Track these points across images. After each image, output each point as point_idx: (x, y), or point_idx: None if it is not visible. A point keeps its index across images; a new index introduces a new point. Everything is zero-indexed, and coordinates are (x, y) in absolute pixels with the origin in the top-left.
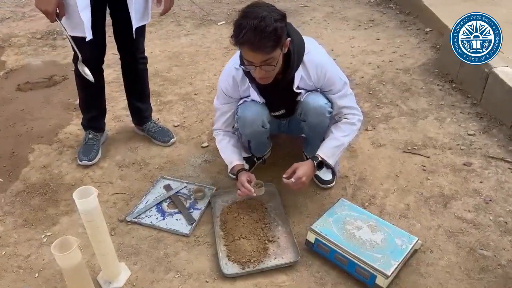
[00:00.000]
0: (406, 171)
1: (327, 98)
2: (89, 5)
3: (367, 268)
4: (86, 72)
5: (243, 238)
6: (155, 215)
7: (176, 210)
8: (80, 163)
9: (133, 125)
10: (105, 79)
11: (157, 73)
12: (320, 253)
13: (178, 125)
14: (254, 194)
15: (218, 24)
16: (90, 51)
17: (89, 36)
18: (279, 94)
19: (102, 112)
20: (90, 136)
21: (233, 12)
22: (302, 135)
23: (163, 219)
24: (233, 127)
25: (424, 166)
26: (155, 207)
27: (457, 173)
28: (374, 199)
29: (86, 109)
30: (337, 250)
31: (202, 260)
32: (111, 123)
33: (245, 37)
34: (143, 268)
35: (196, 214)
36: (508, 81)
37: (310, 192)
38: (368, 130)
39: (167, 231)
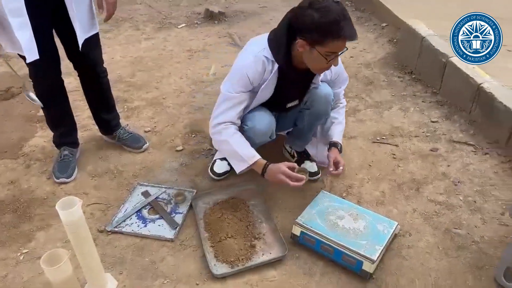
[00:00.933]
0: (378, 160)
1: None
2: (28, 24)
3: (353, 255)
4: (32, 97)
5: (229, 237)
6: (136, 222)
7: (157, 216)
8: (57, 181)
9: (100, 133)
10: (67, 89)
11: (121, 79)
12: (307, 245)
13: (149, 131)
14: (304, 180)
15: (179, 27)
16: (43, 70)
17: (32, 56)
18: (301, 85)
19: (73, 126)
20: (66, 152)
21: (192, 14)
22: (285, 132)
23: (145, 226)
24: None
25: (394, 154)
26: (135, 214)
27: (425, 159)
28: (351, 189)
29: (55, 126)
30: (323, 240)
31: (190, 263)
32: (78, 133)
33: (345, 30)
34: (129, 276)
35: (178, 218)
36: (464, 69)
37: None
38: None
39: (150, 238)
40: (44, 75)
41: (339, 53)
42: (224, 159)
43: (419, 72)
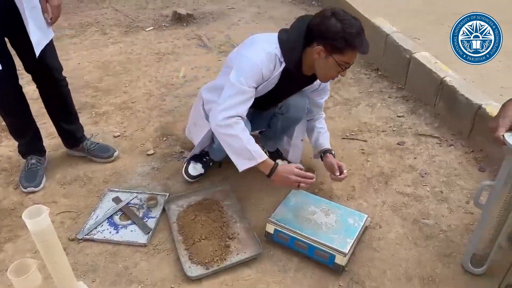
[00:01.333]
0: (348, 155)
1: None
2: None
3: (325, 249)
4: None
5: (203, 239)
6: (107, 229)
7: (129, 222)
8: (25, 190)
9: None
10: (31, 96)
11: (88, 84)
12: (281, 242)
13: (118, 135)
14: (314, 179)
15: (146, 30)
16: None
17: None
18: (296, 90)
19: (36, 134)
20: (33, 161)
21: (160, 17)
22: (258, 131)
23: (117, 232)
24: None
25: (363, 150)
26: (107, 221)
27: (393, 152)
28: (322, 185)
29: (18, 135)
30: (296, 237)
31: (164, 267)
32: (45, 141)
33: (364, 44)
34: (103, 284)
35: (151, 223)
36: (427, 64)
37: (263, 186)
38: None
39: (123, 244)
40: (0, 84)
41: (348, 65)
42: (199, 161)
43: (385, 69)
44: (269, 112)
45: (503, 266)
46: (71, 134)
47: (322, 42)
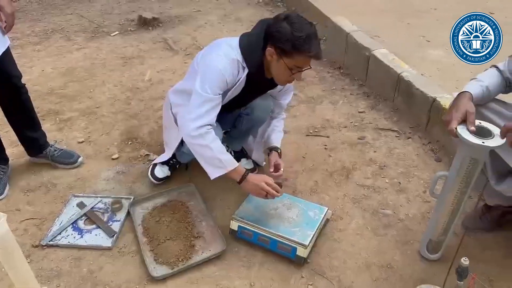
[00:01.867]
0: (311, 152)
1: None
2: None
3: (287, 243)
4: None
5: (168, 239)
6: (72, 234)
7: (94, 226)
8: None
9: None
10: None
11: (52, 91)
12: (245, 238)
13: (83, 141)
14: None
15: (112, 35)
16: None
17: None
18: (261, 93)
19: None
20: None
21: (126, 21)
22: (223, 131)
23: (81, 236)
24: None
25: (325, 145)
26: (71, 226)
27: (354, 147)
28: (286, 181)
29: None
30: (259, 232)
31: (130, 270)
32: (8, 149)
33: (314, 49)
34: None
35: (116, 226)
36: (385, 61)
37: (228, 184)
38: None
39: (87, 248)
40: None
41: (304, 69)
42: (165, 163)
43: (347, 67)
44: (234, 113)
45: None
46: (34, 141)
47: (273, 45)
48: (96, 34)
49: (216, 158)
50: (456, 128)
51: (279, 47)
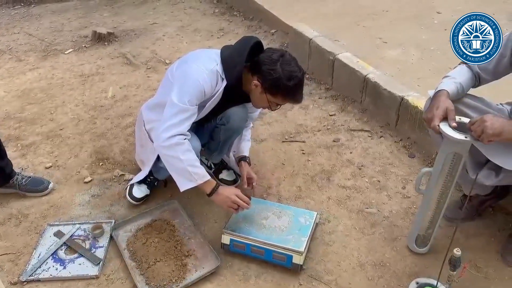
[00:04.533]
0: (289, 158)
1: None
2: None
3: (282, 251)
4: None
5: (159, 261)
6: (53, 266)
7: (76, 255)
8: None
9: None
10: None
11: (9, 115)
12: (238, 251)
13: (50, 166)
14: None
15: (66, 53)
16: None
17: None
18: (236, 104)
19: None
20: None
21: (79, 38)
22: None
23: (64, 267)
24: None
25: (302, 150)
26: (51, 257)
27: (330, 150)
28: (270, 189)
29: None
30: (252, 243)
31: None
32: None
33: (297, 97)
34: None
35: (100, 253)
36: (350, 64)
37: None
38: None
39: (72, 279)
40: None
41: (281, 105)
42: (142, 182)
43: (312, 72)
44: (210, 125)
45: (443, 243)
46: (2, 171)
47: (261, 80)
48: (48, 53)
49: (186, 170)
50: (438, 125)
51: (267, 85)
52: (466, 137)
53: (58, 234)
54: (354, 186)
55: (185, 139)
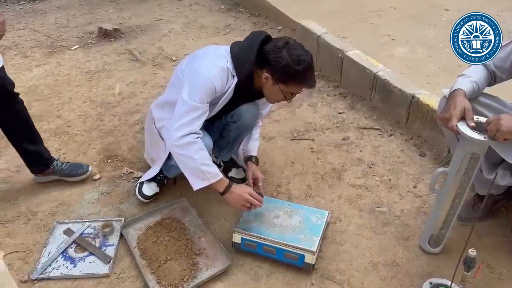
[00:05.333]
0: (299, 156)
1: None
2: None
3: (294, 251)
4: None
5: (169, 260)
6: (63, 264)
7: (86, 253)
8: None
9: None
10: None
11: None
12: (249, 250)
13: None
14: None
15: (72, 49)
16: None
17: None
18: (247, 101)
19: None
20: None
21: (85, 34)
22: None
23: (74, 266)
24: None
25: (312, 148)
26: (61, 256)
27: (340, 148)
28: (280, 187)
29: None
30: (264, 242)
31: None
32: None
33: (309, 80)
34: None
35: (110, 251)
36: (360, 61)
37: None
38: None
39: (83, 278)
40: None
41: (296, 94)
42: (152, 180)
43: (320, 69)
44: (220, 122)
45: (456, 243)
46: (38, 156)
47: (270, 71)
48: (54, 49)
49: (199, 169)
50: (457, 125)
51: (277, 75)
52: (484, 138)
53: (68, 232)
54: (365, 185)
55: (197, 138)
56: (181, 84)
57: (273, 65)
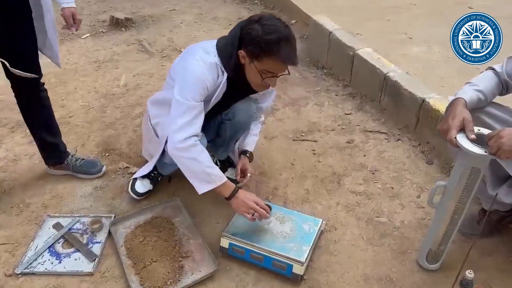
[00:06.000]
0: (300, 157)
1: None
2: None
3: (282, 260)
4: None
5: (155, 261)
6: (49, 259)
7: (73, 249)
8: None
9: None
10: None
11: None
12: (236, 256)
13: None
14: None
15: (83, 37)
16: None
17: None
18: (241, 96)
19: None
20: None
21: (97, 23)
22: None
23: (60, 262)
24: None
25: (314, 150)
26: (47, 250)
27: (343, 151)
28: (276, 190)
29: None
30: (252, 249)
31: None
32: None
33: (284, 52)
34: None
35: (96, 248)
36: (370, 60)
37: (216, 198)
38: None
39: (67, 274)
40: None
41: (279, 75)
42: (146, 177)
43: (330, 67)
44: (216, 120)
45: (456, 259)
46: (54, 149)
47: (244, 48)
48: (65, 37)
49: (204, 172)
50: (455, 138)
51: (249, 50)
52: (485, 152)
53: (57, 227)
54: (366, 192)
55: (197, 140)
56: (173, 85)
57: (245, 38)
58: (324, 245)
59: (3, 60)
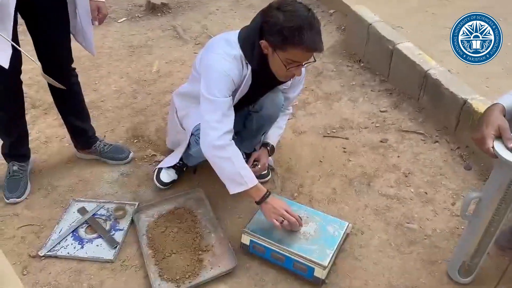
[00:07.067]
0: (329, 155)
1: None
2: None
3: (304, 262)
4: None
5: (175, 253)
6: (72, 244)
7: (95, 235)
8: (8, 201)
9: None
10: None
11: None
12: (257, 254)
13: None
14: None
15: (119, 21)
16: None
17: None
18: (268, 88)
19: (25, 134)
20: (15, 168)
21: (134, 7)
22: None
23: (82, 247)
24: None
25: (344, 148)
26: (71, 235)
27: (376, 151)
28: (302, 188)
29: (5, 133)
30: (273, 248)
31: (133, 286)
32: None
33: (308, 39)
34: None
35: (119, 236)
36: (411, 56)
37: (240, 192)
38: (288, 119)
39: (88, 260)
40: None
41: (304, 64)
42: (172, 167)
43: (367, 60)
44: (243, 112)
45: (491, 274)
46: (83, 133)
47: (266, 37)
48: None
49: (237, 173)
50: (493, 147)
51: (271, 40)
52: None
53: (82, 211)
54: (397, 195)
55: (231, 139)
56: (198, 78)
57: (266, 27)
58: (349, 249)
59: (38, 63)
